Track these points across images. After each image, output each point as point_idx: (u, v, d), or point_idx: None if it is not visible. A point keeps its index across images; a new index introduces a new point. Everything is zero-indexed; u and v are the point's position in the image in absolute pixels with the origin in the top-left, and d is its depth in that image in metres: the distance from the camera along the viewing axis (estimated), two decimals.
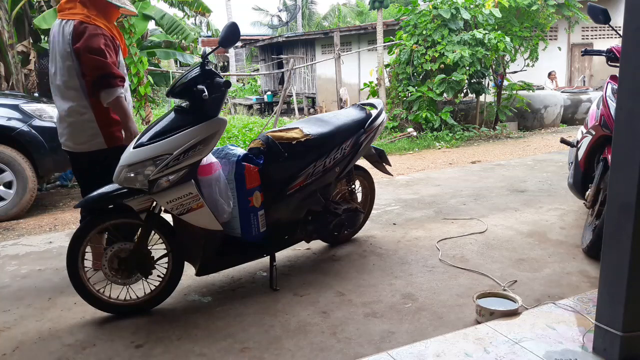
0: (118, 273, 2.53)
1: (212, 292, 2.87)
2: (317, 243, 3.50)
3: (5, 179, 4.61)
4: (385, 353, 2.04)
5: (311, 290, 2.81)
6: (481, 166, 6.25)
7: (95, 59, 2.58)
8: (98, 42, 2.59)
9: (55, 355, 2.25)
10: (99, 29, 2.65)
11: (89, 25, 2.64)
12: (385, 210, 4.34)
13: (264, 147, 2.82)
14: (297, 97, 18.30)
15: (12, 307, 2.75)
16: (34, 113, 4.79)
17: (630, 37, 1.76)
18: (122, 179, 2.39)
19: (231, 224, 2.70)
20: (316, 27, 30.12)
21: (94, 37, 2.59)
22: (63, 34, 2.68)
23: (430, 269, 3.04)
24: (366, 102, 3.50)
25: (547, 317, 2.26)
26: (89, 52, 2.57)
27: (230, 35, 2.42)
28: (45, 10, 6.74)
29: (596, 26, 14.72)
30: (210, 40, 20.37)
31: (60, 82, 2.75)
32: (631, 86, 1.77)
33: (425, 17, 8.57)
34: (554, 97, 10.25)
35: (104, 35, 2.65)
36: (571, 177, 3.51)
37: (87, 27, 2.62)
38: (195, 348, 2.26)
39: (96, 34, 2.61)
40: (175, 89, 2.49)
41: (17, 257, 3.57)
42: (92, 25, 2.64)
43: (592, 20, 3.14)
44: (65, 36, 2.67)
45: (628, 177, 1.77)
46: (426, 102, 8.58)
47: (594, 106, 3.36)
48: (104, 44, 2.62)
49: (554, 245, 3.37)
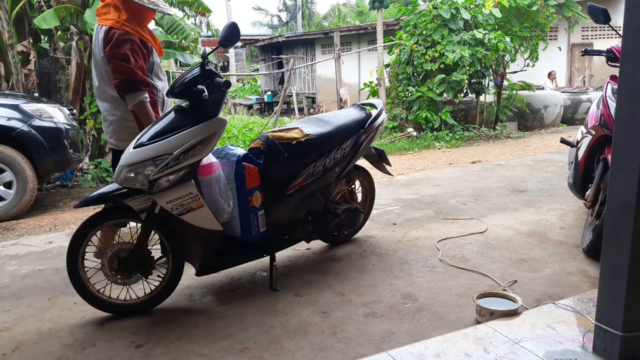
0: (118, 273, 2.53)
1: (212, 292, 2.87)
2: (317, 243, 3.50)
3: (5, 179, 4.61)
4: (385, 353, 2.04)
5: (311, 290, 2.81)
6: (481, 166, 6.25)
7: (120, 65, 2.68)
8: (124, 48, 2.69)
9: (55, 355, 2.25)
10: (127, 34, 2.73)
11: (117, 30, 2.72)
12: (385, 210, 4.34)
13: (264, 147, 2.82)
14: (297, 97, 18.29)
15: (12, 307, 2.75)
16: (34, 113, 4.79)
17: (630, 37, 1.76)
18: (122, 179, 2.39)
19: (231, 224, 2.70)
20: (316, 27, 30.13)
21: (121, 43, 2.69)
22: (97, 39, 2.80)
23: (430, 269, 3.04)
24: (366, 102, 3.50)
25: (547, 317, 2.26)
26: (115, 58, 2.68)
27: (230, 35, 2.42)
28: (45, 10, 6.73)
29: (596, 26, 14.72)
30: (210, 40, 20.37)
31: (97, 83, 2.89)
32: (631, 86, 1.77)
33: (425, 17, 8.57)
34: (554, 97, 10.26)
35: (131, 40, 2.73)
36: (571, 177, 3.51)
37: (115, 33, 2.71)
38: (195, 348, 2.26)
39: (123, 39, 2.70)
40: (175, 89, 2.49)
41: (17, 257, 3.57)
42: (120, 31, 2.72)
43: (592, 20, 3.14)
44: (99, 41, 2.78)
45: (628, 177, 1.77)
46: (426, 102, 8.58)
47: (594, 106, 3.36)
48: (129, 49, 2.71)
49: (554, 245, 3.37)
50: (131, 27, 2.77)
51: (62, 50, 7.73)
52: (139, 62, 2.75)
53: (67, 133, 5.00)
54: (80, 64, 6.54)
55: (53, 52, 7.55)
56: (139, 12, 2.84)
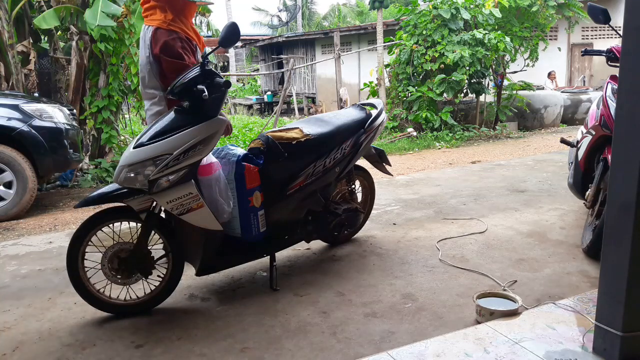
0: (118, 273, 2.53)
1: (212, 292, 2.87)
2: (317, 243, 3.50)
3: (5, 179, 4.61)
4: (385, 353, 2.04)
5: (311, 290, 2.81)
6: (481, 166, 6.25)
7: (175, 63, 2.70)
8: (176, 47, 2.74)
9: (55, 355, 2.25)
10: (174, 33, 2.77)
11: (165, 30, 2.77)
12: (385, 210, 4.34)
13: (264, 147, 2.82)
14: (297, 97, 18.29)
15: (12, 307, 2.75)
16: (34, 113, 4.79)
17: (630, 37, 1.76)
18: (122, 179, 2.39)
19: (231, 224, 2.70)
20: (316, 27, 30.12)
21: (171, 42, 2.74)
22: (145, 40, 2.83)
23: (430, 269, 3.04)
24: (366, 102, 3.50)
25: (547, 317, 2.26)
26: (169, 57, 2.71)
27: (230, 35, 2.42)
28: (45, 10, 6.72)
29: (596, 26, 14.72)
30: (210, 40, 20.34)
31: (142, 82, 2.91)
32: (631, 86, 1.77)
33: (425, 17, 8.57)
34: (554, 97, 10.25)
35: (179, 38, 2.78)
36: (571, 177, 3.51)
37: (163, 33, 2.76)
38: (195, 348, 2.26)
39: (172, 38, 2.75)
40: (175, 89, 2.49)
41: (17, 257, 3.57)
42: (168, 31, 2.77)
43: (592, 20, 3.14)
44: (146, 42, 2.80)
45: (628, 177, 1.77)
46: (426, 102, 8.58)
47: (594, 106, 3.36)
48: (181, 47, 2.75)
49: (554, 245, 3.37)
50: (177, 27, 2.82)
51: (62, 50, 7.73)
52: (191, 58, 2.80)
53: (67, 133, 5.00)
54: (80, 64, 6.53)
55: (53, 52, 7.55)
56: (183, 10, 2.89)
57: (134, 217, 2.53)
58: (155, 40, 2.75)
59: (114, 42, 6.36)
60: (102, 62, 6.52)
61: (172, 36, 2.74)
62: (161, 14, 2.79)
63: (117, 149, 6.77)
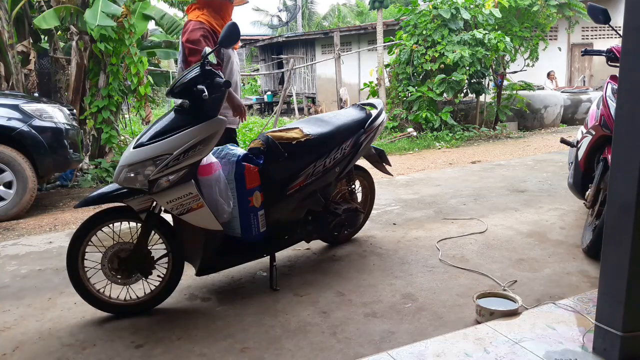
0: (118, 273, 2.53)
1: (212, 292, 2.87)
2: (317, 243, 3.50)
3: (5, 179, 4.61)
4: (385, 353, 2.04)
5: (311, 290, 2.81)
6: (481, 166, 6.25)
7: (193, 49, 2.97)
8: (197, 34, 3.00)
9: (55, 355, 2.25)
10: (200, 24, 3.05)
11: (193, 22, 3.07)
12: (385, 210, 4.34)
13: (264, 147, 2.81)
14: (297, 97, 18.29)
15: (12, 307, 2.75)
16: (34, 113, 4.79)
17: (630, 37, 1.76)
18: (122, 179, 2.39)
19: (231, 224, 2.70)
20: (316, 27, 30.11)
21: (194, 30, 3.02)
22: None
23: (430, 269, 3.04)
24: (366, 102, 3.49)
25: (547, 317, 2.26)
26: (187, 42, 3.01)
27: (230, 35, 2.42)
28: (45, 10, 6.72)
29: (596, 26, 14.72)
30: None
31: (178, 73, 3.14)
32: (631, 86, 1.77)
33: (425, 17, 8.57)
34: (554, 97, 10.26)
35: (203, 28, 3.04)
36: (571, 177, 3.51)
37: (190, 23, 3.08)
38: (195, 348, 2.26)
39: (196, 28, 3.03)
40: (175, 89, 2.49)
41: (17, 257, 3.57)
42: (196, 22, 3.07)
43: (592, 20, 3.14)
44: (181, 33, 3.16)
45: (628, 177, 1.77)
46: (426, 102, 8.58)
47: (594, 106, 3.36)
48: (201, 35, 3.00)
49: (554, 245, 3.37)
50: (206, 19, 3.08)
51: (62, 50, 7.73)
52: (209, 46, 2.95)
53: (67, 133, 5.00)
54: (80, 64, 6.53)
55: (53, 52, 7.55)
56: (220, 7, 3.14)
57: (134, 217, 2.53)
58: (185, 30, 3.08)
59: (114, 42, 6.36)
60: (102, 62, 6.52)
61: (197, 26, 3.03)
62: (199, 11, 3.13)
63: (117, 149, 6.78)
